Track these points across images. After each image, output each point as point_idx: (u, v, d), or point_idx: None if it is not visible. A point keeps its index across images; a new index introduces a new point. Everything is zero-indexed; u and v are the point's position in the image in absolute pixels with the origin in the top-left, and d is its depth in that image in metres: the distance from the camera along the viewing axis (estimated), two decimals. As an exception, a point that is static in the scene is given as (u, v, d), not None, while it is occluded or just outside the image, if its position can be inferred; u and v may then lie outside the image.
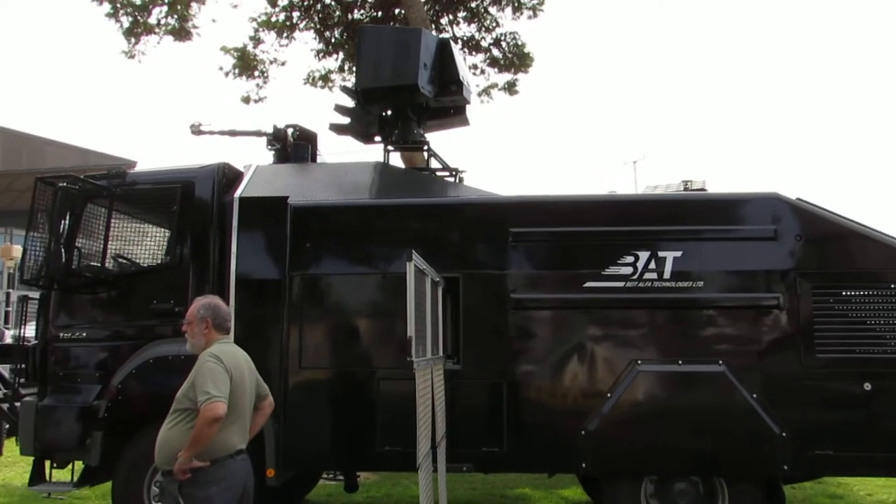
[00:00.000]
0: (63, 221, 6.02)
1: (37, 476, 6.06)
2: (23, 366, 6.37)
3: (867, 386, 5.36)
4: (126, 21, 13.65)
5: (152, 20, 13.85)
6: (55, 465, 6.17)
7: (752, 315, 5.56)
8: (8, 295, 16.85)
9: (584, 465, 5.57)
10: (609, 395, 5.56)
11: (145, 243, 6.20)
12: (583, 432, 5.51)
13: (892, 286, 5.45)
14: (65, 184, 6.06)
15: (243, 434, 4.03)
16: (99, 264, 6.06)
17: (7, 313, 15.50)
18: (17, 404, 6.40)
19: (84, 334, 6.09)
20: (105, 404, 5.79)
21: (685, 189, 6.97)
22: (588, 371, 5.65)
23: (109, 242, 6.08)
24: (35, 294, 6.62)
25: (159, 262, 6.09)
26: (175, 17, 13.91)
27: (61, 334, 6.11)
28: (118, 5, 13.48)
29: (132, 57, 14.11)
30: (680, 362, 5.55)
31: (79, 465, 6.10)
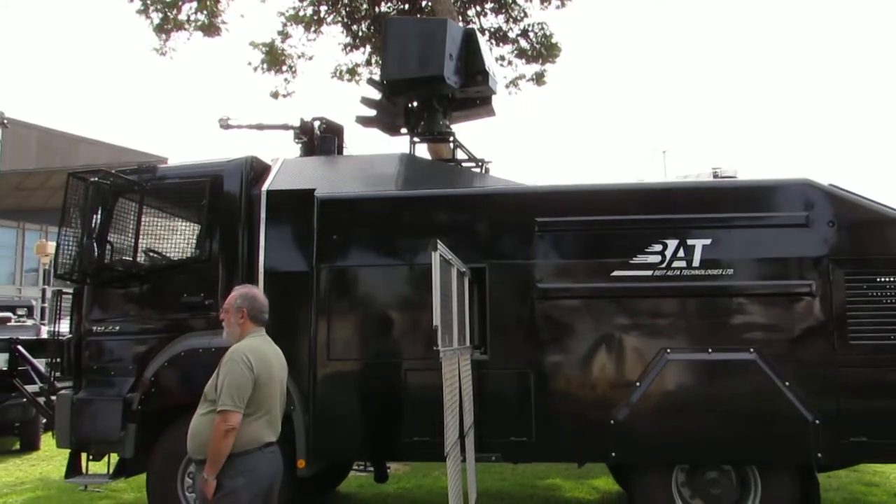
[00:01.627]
0: (95, 216, 6.12)
1: (73, 469, 6.17)
2: (58, 360, 6.49)
3: None
4: (156, 17, 13.84)
5: (182, 16, 14.02)
6: (91, 457, 6.29)
7: (783, 302, 5.48)
8: (44, 291, 17.25)
9: (613, 454, 5.54)
10: (638, 383, 5.51)
11: (175, 237, 6.28)
12: (612, 421, 5.48)
13: (928, 272, 5.32)
14: (96, 179, 6.17)
15: (274, 427, 4.06)
16: (130, 258, 6.15)
17: (43, 309, 15.87)
18: (53, 398, 6.53)
19: (117, 328, 6.19)
20: (138, 397, 5.90)
21: (715, 177, 6.84)
22: (616, 360, 5.61)
23: (140, 237, 6.15)
24: (69, 289, 6.76)
25: (189, 255, 6.17)
26: (204, 12, 14.06)
27: (95, 328, 6.21)
28: (148, 2, 13.66)
29: (163, 54, 14.31)
30: (710, 350, 5.49)
31: (114, 458, 6.19)
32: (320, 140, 7.33)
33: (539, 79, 15.78)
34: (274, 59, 15.09)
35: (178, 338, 5.99)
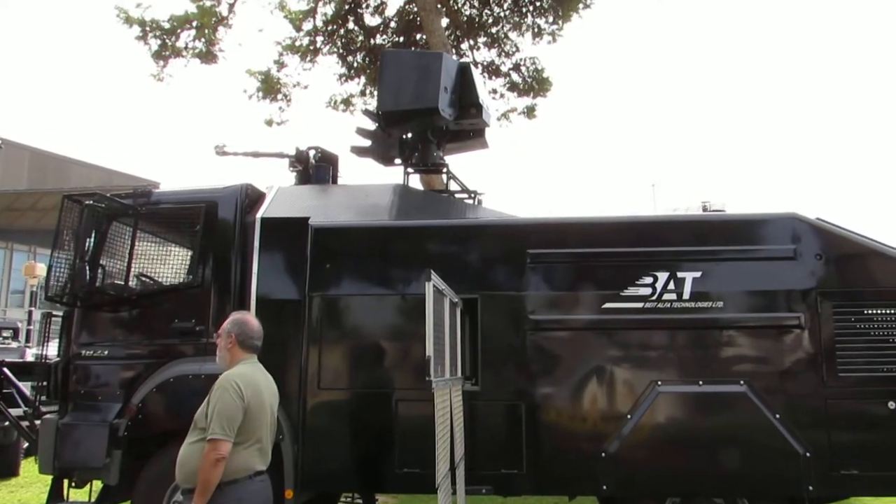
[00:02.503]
0: (88, 239, 6.11)
1: (55, 495, 6.05)
2: (44, 383, 6.43)
3: (891, 405, 5.30)
4: (155, 44, 13.99)
5: (180, 43, 14.18)
6: (73, 484, 6.18)
7: (773, 335, 5.52)
8: (30, 313, 17.07)
9: (605, 487, 5.51)
10: (629, 416, 5.51)
11: (168, 262, 6.27)
12: (603, 454, 5.47)
13: (916, 305, 5.39)
14: (91, 202, 6.17)
15: (264, 456, 4.04)
16: (122, 282, 6.13)
17: (29, 332, 15.70)
18: (38, 422, 6.45)
19: (106, 352, 6.13)
20: (125, 423, 5.83)
21: (704, 210, 6.92)
22: (607, 392, 5.61)
23: (133, 261, 6.15)
24: (59, 312, 6.71)
25: (181, 281, 6.16)
26: (202, 40, 14.22)
27: (83, 352, 6.15)
28: (147, 28, 13.82)
29: (161, 80, 14.45)
30: (700, 383, 5.50)
31: (97, 485, 6.11)
32: (315, 169, 7.38)
33: (530, 112, 16.00)
34: (269, 87, 15.25)
35: (167, 363, 5.95)
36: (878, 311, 5.45)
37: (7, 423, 8.41)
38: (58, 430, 5.93)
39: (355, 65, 15.75)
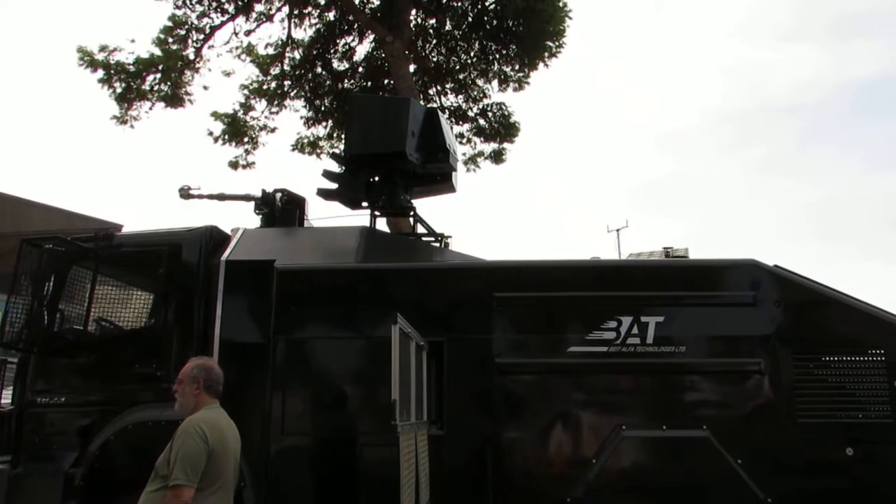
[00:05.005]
0: (47, 283, 5.99)
1: None
2: (-3, 433, 6.21)
3: (849, 451, 5.37)
4: (119, 87, 13.94)
5: (145, 86, 14.15)
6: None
7: (734, 380, 5.60)
8: (-17, 360, 16.53)
9: (570, 533, 5.47)
10: (594, 461, 5.51)
11: (130, 306, 6.18)
12: (568, 499, 5.44)
13: (871, 351, 5.53)
14: (51, 245, 6.06)
15: (227, 502, 3.98)
16: (81, 327, 6.00)
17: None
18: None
19: (63, 399, 5.96)
20: (81, 472, 5.65)
21: (667, 256, 7.05)
22: (573, 437, 5.62)
23: (93, 305, 6.03)
24: (14, 358, 6.53)
25: (143, 325, 6.06)
26: (168, 84, 14.21)
27: (39, 399, 5.97)
28: (112, 72, 13.78)
29: (124, 122, 14.34)
30: (664, 427, 5.54)
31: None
32: (281, 211, 7.37)
33: (498, 157, 16.24)
34: (236, 130, 15.26)
35: (126, 410, 5.81)
36: (836, 358, 5.57)
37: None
38: (10, 480, 5.73)
39: (323, 108, 15.88)
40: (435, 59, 15.94)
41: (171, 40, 14.26)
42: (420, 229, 7.97)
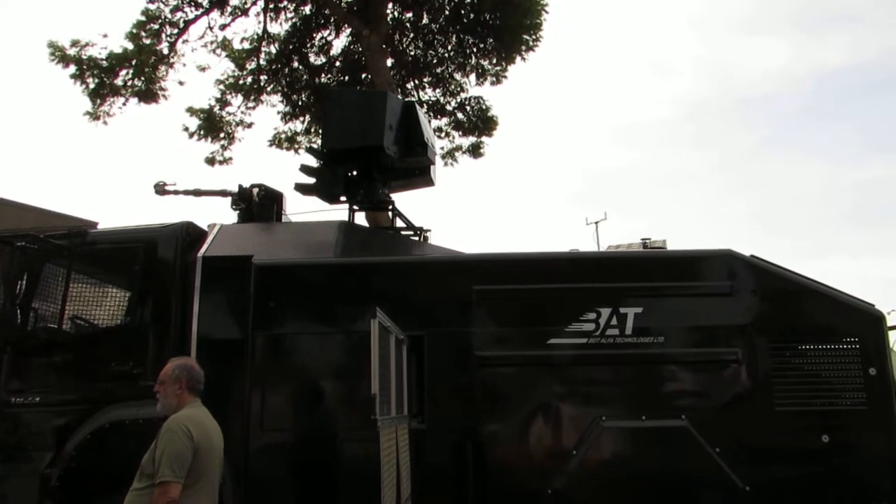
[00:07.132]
0: (20, 282, 5.89)
1: None
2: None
3: (825, 438, 5.45)
4: (92, 82, 13.74)
5: (118, 81, 13.95)
6: (3, 539, 5.89)
7: (712, 370, 5.66)
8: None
9: (551, 525, 5.50)
10: (574, 452, 5.54)
11: (105, 304, 6.09)
12: (549, 491, 5.47)
13: (846, 340, 5.60)
14: (23, 243, 5.96)
15: (212, 498, 3.98)
16: (56, 326, 5.92)
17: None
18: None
19: (38, 398, 5.87)
20: (57, 472, 5.57)
21: (645, 247, 7.10)
22: (553, 428, 5.65)
23: (67, 303, 5.95)
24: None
25: (119, 323, 5.98)
26: (142, 79, 14.03)
27: (13, 399, 5.88)
28: (84, 67, 13.58)
29: (97, 118, 14.15)
30: (643, 418, 5.58)
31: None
32: (259, 207, 7.31)
33: (476, 151, 16.24)
34: (212, 125, 15.12)
35: (102, 409, 5.74)
36: (811, 347, 5.65)
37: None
38: (-17, 483, 5.64)
39: (300, 103, 15.78)
40: (412, 53, 15.90)
41: (144, 35, 14.08)
42: (399, 223, 7.94)
